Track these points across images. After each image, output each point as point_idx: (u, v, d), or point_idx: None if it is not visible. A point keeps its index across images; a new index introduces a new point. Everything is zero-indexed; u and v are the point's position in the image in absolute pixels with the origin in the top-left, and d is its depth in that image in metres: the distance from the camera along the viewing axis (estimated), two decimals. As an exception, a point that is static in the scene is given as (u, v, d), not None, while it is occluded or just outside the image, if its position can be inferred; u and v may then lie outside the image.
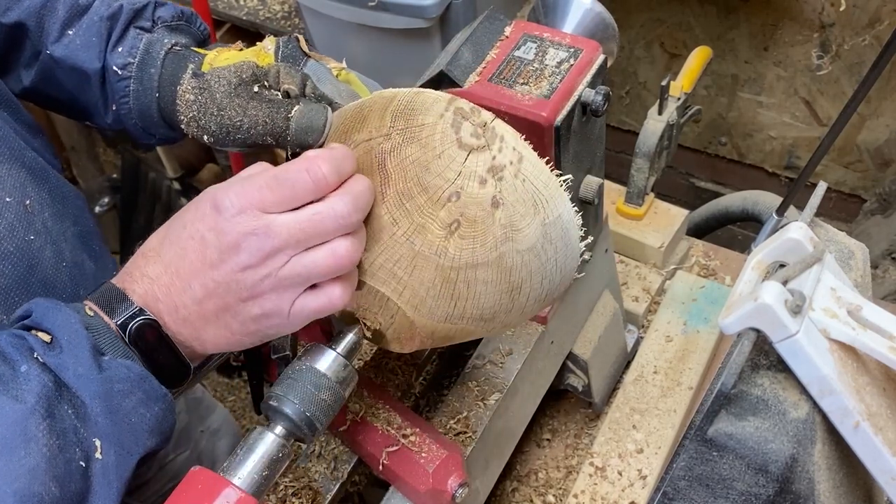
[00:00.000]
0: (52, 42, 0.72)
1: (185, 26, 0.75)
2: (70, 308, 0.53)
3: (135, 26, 0.72)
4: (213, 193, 0.53)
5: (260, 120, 0.65)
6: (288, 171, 0.52)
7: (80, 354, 0.50)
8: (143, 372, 0.53)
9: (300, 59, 0.71)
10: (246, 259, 0.52)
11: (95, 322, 0.53)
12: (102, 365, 0.51)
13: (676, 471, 0.58)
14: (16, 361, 0.49)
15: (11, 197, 0.63)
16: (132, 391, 0.52)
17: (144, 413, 0.53)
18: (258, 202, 0.51)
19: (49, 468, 0.47)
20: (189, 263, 0.53)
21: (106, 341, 0.53)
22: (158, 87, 0.70)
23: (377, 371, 0.86)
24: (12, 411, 0.47)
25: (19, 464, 0.46)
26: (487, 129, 0.57)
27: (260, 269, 0.52)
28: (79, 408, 0.50)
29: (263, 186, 0.52)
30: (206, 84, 0.67)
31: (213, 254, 0.52)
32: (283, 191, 0.52)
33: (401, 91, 0.58)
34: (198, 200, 0.54)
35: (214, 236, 0.52)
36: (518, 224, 0.56)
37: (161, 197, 2.62)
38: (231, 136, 0.66)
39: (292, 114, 0.64)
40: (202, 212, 0.53)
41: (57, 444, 0.48)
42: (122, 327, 0.54)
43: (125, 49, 0.71)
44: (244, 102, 0.65)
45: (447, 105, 0.57)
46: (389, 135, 0.56)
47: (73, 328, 0.51)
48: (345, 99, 0.67)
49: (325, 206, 0.53)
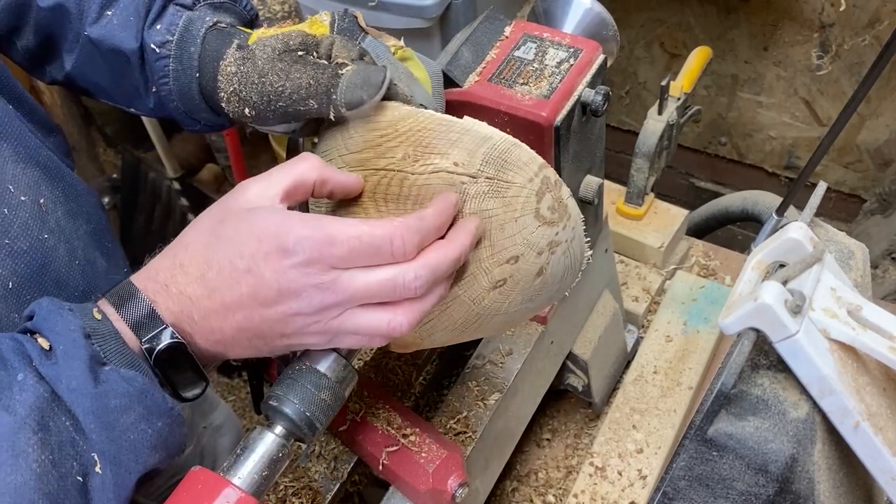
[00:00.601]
0: (91, 24, 0.69)
1: (231, 4, 0.71)
2: (73, 313, 0.50)
3: (174, 3, 0.68)
4: (277, 228, 0.49)
5: (304, 82, 0.59)
6: (373, 236, 0.49)
7: (74, 366, 0.47)
8: (144, 385, 0.50)
9: (357, 34, 0.66)
10: (302, 307, 0.51)
11: (101, 327, 0.50)
12: (100, 377, 0.48)
13: (676, 471, 0.58)
14: (14, 369, 0.47)
15: (26, 196, 0.62)
16: (131, 406, 0.49)
17: (145, 429, 0.50)
18: (328, 257, 0.49)
19: (39, 485, 0.45)
20: (239, 296, 0.51)
21: (111, 348, 0.50)
22: (199, 67, 0.66)
23: (377, 371, 0.86)
24: (1, 424, 0.45)
25: (5, 481, 0.44)
26: (562, 205, 0.58)
27: (312, 317, 0.51)
28: (75, 420, 0.47)
29: (338, 243, 0.49)
30: (249, 54, 0.63)
31: (268, 294, 0.50)
32: (360, 256, 0.50)
33: (497, 133, 0.57)
34: (253, 222, 0.50)
35: (275, 279, 0.50)
36: (545, 289, 0.60)
37: (161, 197, 2.62)
38: (273, 104, 0.61)
39: (343, 72, 0.59)
40: (265, 248, 0.49)
41: (50, 458, 0.45)
42: (148, 351, 0.51)
43: (163, 26, 0.67)
44: (287, 66, 0.61)
45: (538, 170, 0.57)
46: (477, 178, 0.56)
47: (70, 336, 0.48)
48: (403, 81, 0.63)
49: (399, 275, 0.50)
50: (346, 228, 0.50)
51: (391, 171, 0.57)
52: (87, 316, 0.50)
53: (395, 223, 0.50)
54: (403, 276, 0.51)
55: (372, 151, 0.59)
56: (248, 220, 0.51)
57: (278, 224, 0.50)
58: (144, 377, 0.50)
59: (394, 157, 0.57)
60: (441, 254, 0.52)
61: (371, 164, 0.58)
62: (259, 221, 0.50)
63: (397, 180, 0.57)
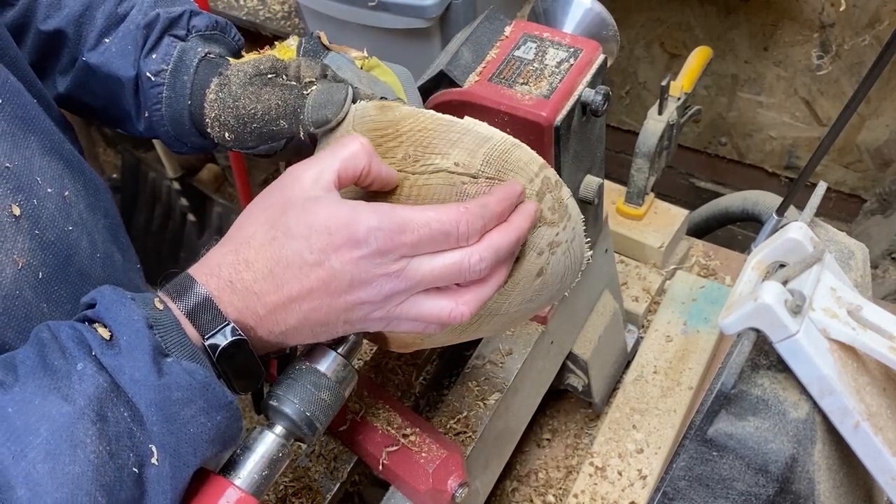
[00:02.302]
0: (89, 50, 0.72)
1: (220, 36, 0.75)
2: (136, 302, 0.50)
3: (169, 34, 0.72)
4: (347, 220, 0.50)
5: (273, 103, 0.63)
6: (441, 222, 0.50)
7: (138, 357, 0.47)
8: (206, 379, 0.49)
9: (321, 53, 0.70)
10: (371, 296, 0.51)
11: (163, 318, 0.50)
12: (163, 369, 0.48)
13: (676, 471, 0.58)
14: (74, 357, 0.47)
15: (52, 188, 0.62)
16: (193, 399, 0.48)
17: (205, 422, 0.49)
18: (399, 246, 0.50)
19: (96, 476, 0.44)
20: (308, 289, 0.51)
21: (172, 340, 0.49)
22: (190, 95, 0.70)
23: (377, 371, 0.86)
24: (59, 414, 0.44)
25: (63, 471, 0.43)
26: (562, 205, 0.58)
27: (378, 304, 0.52)
28: (135, 411, 0.47)
29: (408, 231, 0.50)
30: (225, 80, 0.67)
31: (339, 285, 0.51)
32: (429, 242, 0.50)
33: (497, 134, 0.57)
34: (318, 214, 0.50)
35: (347, 270, 0.50)
36: (545, 289, 0.60)
37: (161, 197, 2.62)
38: (248, 126, 0.64)
39: (309, 91, 0.62)
40: (336, 241, 0.50)
41: (107, 449, 0.45)
42: (211, 347, 0.51)
43: (159, 56, 0.71)
44: (257, 89, 0.64)
45: (538, 171, 0.57)
46: (476, 178, 0.56)
47: (134, 327, 0.48)
48: (365, 84, 0.65)
49: (465, 258, 0.51)
50: (415, 216, 0.50)
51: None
52: (149, 306, 0.50)
53: (460, 208, 0.51)
54: (469, 259, 0.52)
55: None
56: (313, 213, 0.51)
57: (347, 215, 0.50)
58: (206, 370, 0.50)
59: (394, 157, 0.57)
60: (502, 236, 0.53)
61: None
62: (325, 213, 0.50)
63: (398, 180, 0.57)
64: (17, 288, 0.56)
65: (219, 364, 0.52)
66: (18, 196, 0.58)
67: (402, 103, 0.62)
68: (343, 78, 0.65)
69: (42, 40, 0.73)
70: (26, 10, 0.72)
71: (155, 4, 0.73)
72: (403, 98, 0.69)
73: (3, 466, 0.43)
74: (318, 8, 1.53)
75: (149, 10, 0.73)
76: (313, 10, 1.55)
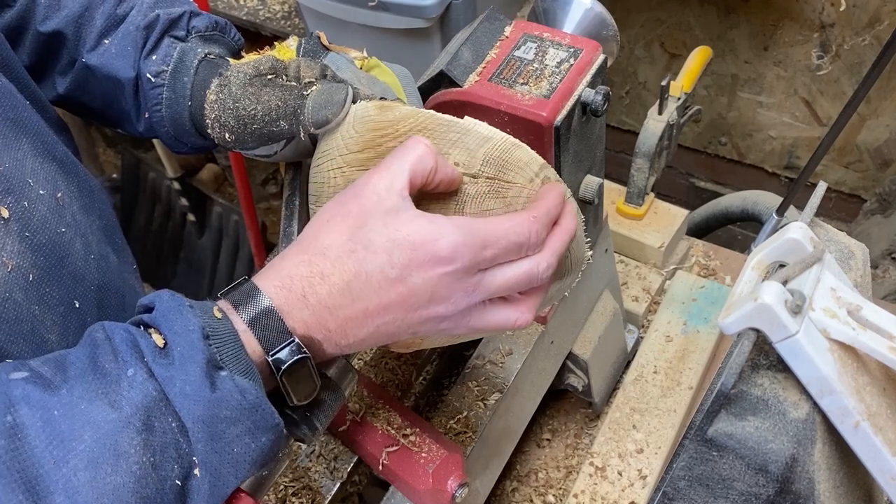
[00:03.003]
0: (88, 51, 0.72)
1: (219, 36, 0.75)
2: (194, 311, 0.48)
3: (169, 35, 0.72)
4: (430, 236, 0.49)
5: (273, 104, 0.63)
6: (518, 234, 0.51)
7: (190, 370, 0.46)
8: (257, 400, 0.48)
9: (320, 53, 0.70)
10: (448, 310, 0.52)
11: (221, 327, 0.48)
12: (216, 383, 0.46)
13: (676, 471, 0.58)
14: (126, 363, 0.46)
15: (45, 189, 0.62)
16: (240, 419, 0.47)
17: (249, 443, 0.48)
18: (480, 262, 0.50)
19: (137, 488, 0.43)
20: (386, 304, 0.51)
21: (228, 352, 0.48)
22: (191, 96, 0.70)
23: (377, 371, 0.86)
24: (105, 421, 0.43)
25: (104, 481, 0.42)
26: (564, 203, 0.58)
27: (450, 318, 0.52)
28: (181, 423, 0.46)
29: (489, 246, 0.50)
30: (225, 81, 0.66)
31: (418, 301, 0.51)
32: (506, 255, 0.51)
33: (498, 134, 0.57)
34: (400, 229, 0.50)
35: (428, 287, 0.50)
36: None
37: (161, 197, 2.62)
38: (248, 128, 0.64)
39: (309, 92, 0.62)
40: (420, 258, 0.49)
41: (151, 461, 0.44)
42: (274, 364, 0.50)
43: (159, 57, 0.71)
44: (257, 90, 0.64)
45: (538, 171, 0.57)
46: (477, 178, 0.56)
47: (189, 338, 0.47)
48: (365, 84, 0.65)
49: (534, 266, 0.53)
50: (494, 229, 0.51)
51: None
52: (207, 314, 0.49)
53: (529, 218, 0.52)
54: (538, 268, 0.53)
55: (372, 151, 0.59)
56: (394, 226, 0.50)
57: (431, 231, 0.50)
58: (258, 389, 0.48)
59: None
60: (559, 239, 0.55)
61: (371, 164, 0.58)
62: (408, 228, 0.50)
63: None
64: (6, 290, 0.55)
65: (280, 379, 0.51)
66: (8, 198, 0.57)
67: (402, 103, 0.62)
68: (343, 78, 0.65)
69: (41, 41, 0.73)
70: (24, 10, 0.72)
71: (154, 5, 0.73)
72: (403, 98, 0.69)
73: (43, 471, 0.42)
74: (318, 8, 1.53)
75: (148, 12, 0.72)
76: (313, 10, 1.55)
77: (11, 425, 0.42)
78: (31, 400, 0.43)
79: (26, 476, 0.41)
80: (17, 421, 0.42)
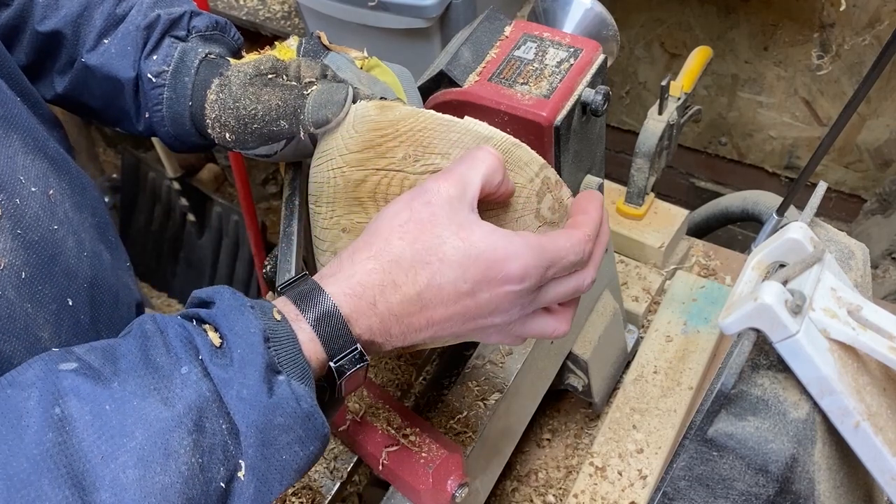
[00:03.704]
0: (88, 51, 0.72)
1: (220, 36, 0.75)
2: (254, 311, 0.47)
3: (170, 35, 0.72)
4: (504, 255, 0.50)
5: (273, 104, 0.63)
6: (576, 254, 0.53)
7: (249, 374, 0.45)
8: (311, 408, 0.47)
9: (321, 53, 0.70)
10: (502, 320, 0.53)
11: (280, 330, 0.48)
12: (273, 388, 0.46)
13: (676, 471, 0.58)
14: (179, 359, 0.45)
15: (36, 187, 0.62)
16: (293, 427, 0.46)
17: (298, 451, 0.47)
18: (542, 280, 0.52)
19: (184, 489, 0.43)
20: (451, 314, 0.52)
21: (286, 355, 0.47)
22: (191, 96, 0.70)
23: (377, 371, 0.86)
24: (157, 419, 0.42)
25: (153, 480, 0.41)
26: (563, 205, 0.59)
27: (499, 326, 0.54)
28: (233, 425, 0.45)
29: (553, 265, 0.52)
30: (226, 81, 0.67)
31: (480, 312, 0.52)
32: (562, 272, 0.53)
33: (498, 134, 0.57)
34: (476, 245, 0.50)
35: (493, 301, 0.51)
36: None
37: (161, 197, 2.62)
38: (248, 127, 0.65)
39: (309, 92, 0.62)
40: (492, 275, 0.50)
41: (199, 462, 0.43)
42: (338, 371, 0.50)
43: (160, 57, 0.71)
44: (258, 90, 0.64)
45: (539, 170, 0.57)
46: None
47: (250, 341, 0.46)
48: (365, 84, 0.65)
49: (582, 281, 0.55)
50: (558, 249, 0.52)
51: (391, 171, 0.57)
52: (266, 316, 0.48)
53: (586, 237, 0.54)
54: (584, 282, 0.55)
55: (372, 151, 0.59)
56: (469, 241, 0.51)
57: (505, 250, 0.50)
58: (312, 397, 0.48)
59: (394, 157, 0.57)
60: (600, 253, 0.57)
61: (371, 164, 0.58)
62: (483, 244, 0.50)
63: (398, 180, 0.57)
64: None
65: (339, 384, 0.51)
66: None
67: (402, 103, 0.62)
68: (343, 78, 0.65)
69: (39, 41, 0.73)
70: (22, 10, 0.71)
71: (154, 5, 0.73)
72: (403, 98, 0.69)
73: (90, 465, 0.41)
74: (318, 8, 1.53)
75: (148, 11, 0.72)
76: (313, 10, 1.55)
77: (60, 417, 0.41)
78: (80, 392, 0.42)
79: (73, 470, 0.40)
80: (66, 413, 0.41)
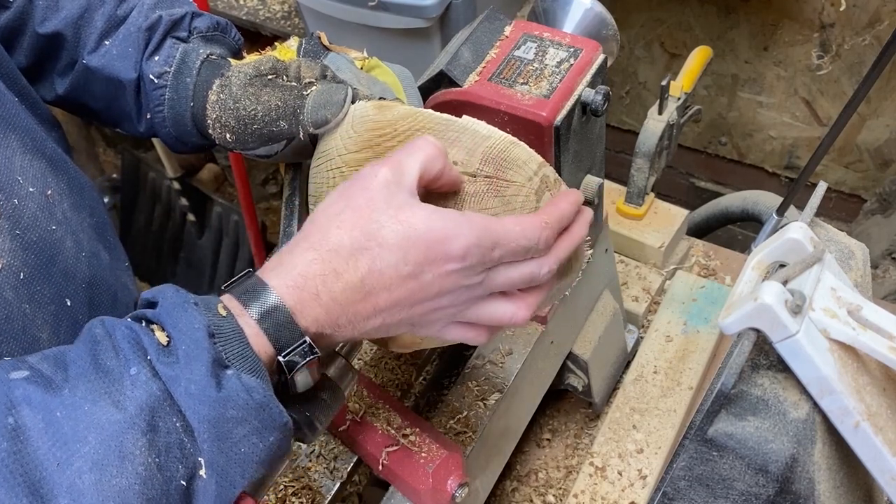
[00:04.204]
0: (89, 52, 0.72)
1: (221, 37, 0.75)
2: (198, 308, 0.47)
3: (171, 36, 0.72)
4: (445, 235, 0.49)
5: (273, 104, 0.63)
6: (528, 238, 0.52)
7: (195, 369, 0.45)
8: (264, 398, 0.47)
9: (321, 53, 0.70)
10: (449, 303, 0.52)
11: (225, 325, 0.48)
12: (221, 382, 0.45)
13: (676, 471, 0.58)
14: (128, 360, 0.45)
15: (34, 187, 0.62)
16: (247, 419, 0.46)
17: (257, 443, 0.47)
18: (488, 261, 0.51)
19: (143, 489, 0.42)
20: (396, 299, 0.51)
21: (233, 350, 0.47)
22: (193, 96, 0.70)
23: (377, 371, 0.86)
24: (109, 422, 0.42)
25: (109, 484, 0.41)
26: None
27: (447, 310, 0.53)
28: (186, 422, 0.45)
29: (499, 246, 0.51)
30: (226, 82, 0.67)
31: (425, 296, 0.51)
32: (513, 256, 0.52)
33: (496, 133, 0.57)
34: (415, 226, 0.49)
35: (437, 283, 0.51)
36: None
37: (161, 197, 2.62)
38: (248, 128, 0.65)
39: (308, 92, 0.62)
40: (433, 256, 0.50)
41: (156, 462, 0.43)
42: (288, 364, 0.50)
43: (161, 58, 0.71)
44: (258, 90, 0.64)
45: (537, 169, 0.57)
46: (476, 177, 0.56)
47: (194, 336, 0.46)
48: (364, 85, 0.65)
49: (537, 269, 0.53)
50: (505, 231, 0.51)
51: None
52: (211, 311, 0.48)
53: (542, 223, 0.53)
54: (540, 270, 0.53)
55: (371, 151, 0.59)
56: (408, 223, 0.50)
57: (446, 229, 0.50)
58: (265, 387, 0.47)
59: None
60: (566, 245, 0.55)
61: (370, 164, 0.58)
62: (423, 225, 0.50)
63: None
64: None
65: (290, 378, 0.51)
66: None
67: (401, 103, 0.62)
68: (343, 78, 0.66)
69: (39, 43, 0.73)
70: (22, 12, 0.71)
71: (155, 6, 0.73)
72: (403, 98, 0.69)
73: (46, 473, 0.41)
74: (318, 8, 1.53)
75: (149, 13, 0.72)
76: (313, 10, 1.55)
77: (13, 427, 0.41)
78: (32, 401, 0.42)
79: (29, 479, 0.41)
80: (20, 423, 0.42)
